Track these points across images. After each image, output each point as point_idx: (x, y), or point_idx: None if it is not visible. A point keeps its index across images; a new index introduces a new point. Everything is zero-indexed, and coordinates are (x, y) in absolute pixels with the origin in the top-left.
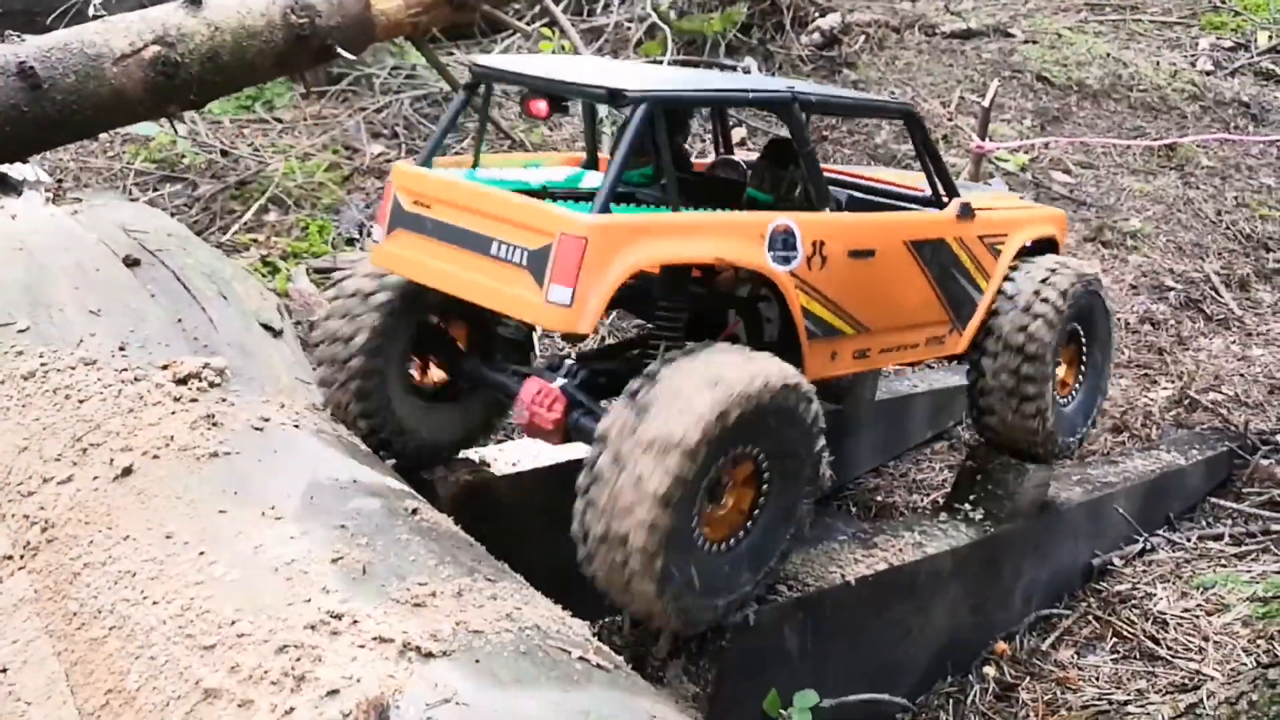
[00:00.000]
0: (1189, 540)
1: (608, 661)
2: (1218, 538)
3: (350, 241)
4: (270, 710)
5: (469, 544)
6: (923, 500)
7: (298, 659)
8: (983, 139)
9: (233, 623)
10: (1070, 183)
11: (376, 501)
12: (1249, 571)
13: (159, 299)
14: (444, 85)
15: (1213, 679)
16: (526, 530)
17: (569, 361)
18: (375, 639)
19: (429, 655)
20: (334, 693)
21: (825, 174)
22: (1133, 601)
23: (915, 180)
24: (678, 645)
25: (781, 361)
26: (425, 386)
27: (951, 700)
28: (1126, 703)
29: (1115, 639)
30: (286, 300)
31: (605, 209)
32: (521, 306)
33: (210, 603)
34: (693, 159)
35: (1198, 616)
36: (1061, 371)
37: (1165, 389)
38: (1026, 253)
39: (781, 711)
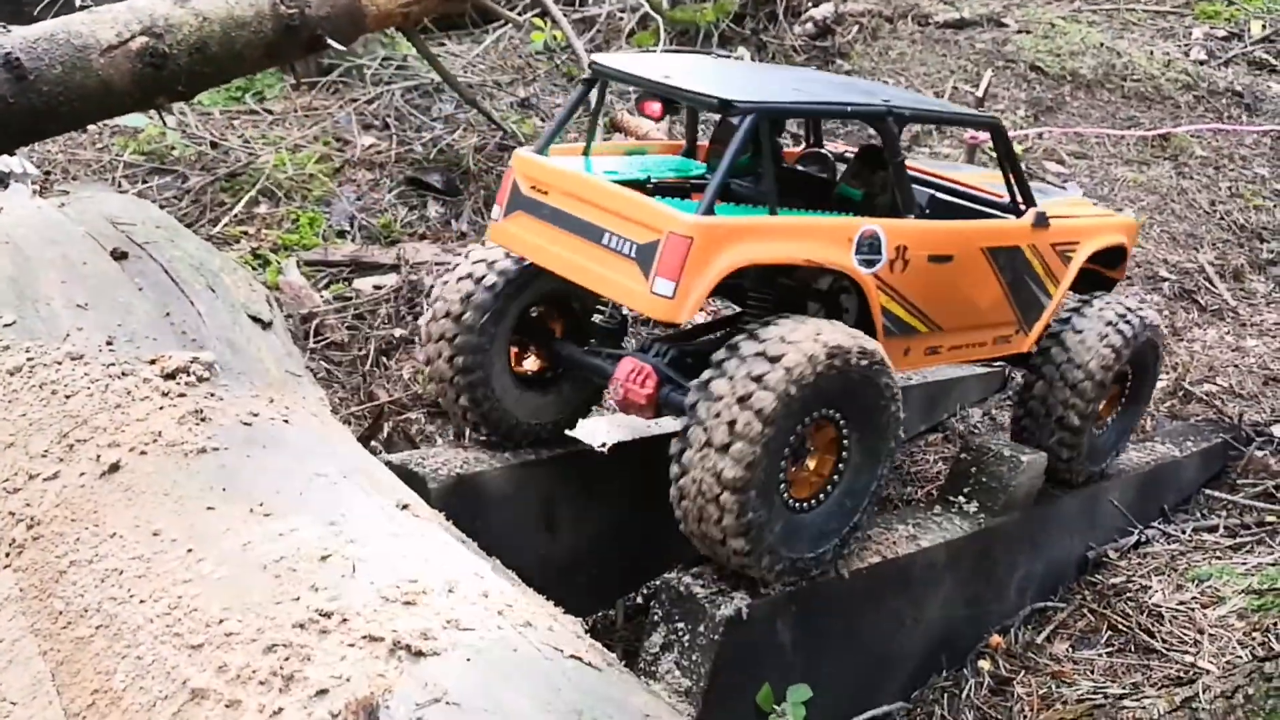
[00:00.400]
0: (1184, 532)
1: (600, 659)
2: (1212, 529)
3: (341, 234)
4: (258, 711)
5: (460, 540)
6: (917, 493)
7: (286, 658)
8: (976, 129)
9: (220, 621)
10: (1064, 173)
11: (367, 497)
12: (1244, 564)
13: (147, 292)
14: (435, 76)
15: (1208, 672)
16: (519, 524)
17: (658, 343)
18: (365, 638)
19: (419, 654)
20: (323, 692)
21: (911, 172)
22: (1128, 594)
23: (994, 179)
24: (670, 639)
25: (856, 330)
26: (521, 373)
27: (946, 695)
28: (1122, 696)
29: (1110, 632)
30: (277, 293)
31: (710, 210)
32: (627, 294)
33: (198, 601)
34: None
35: (1193, 609)
36: (1102, 406)
37: (1160, 381)
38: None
39: (775, 707)
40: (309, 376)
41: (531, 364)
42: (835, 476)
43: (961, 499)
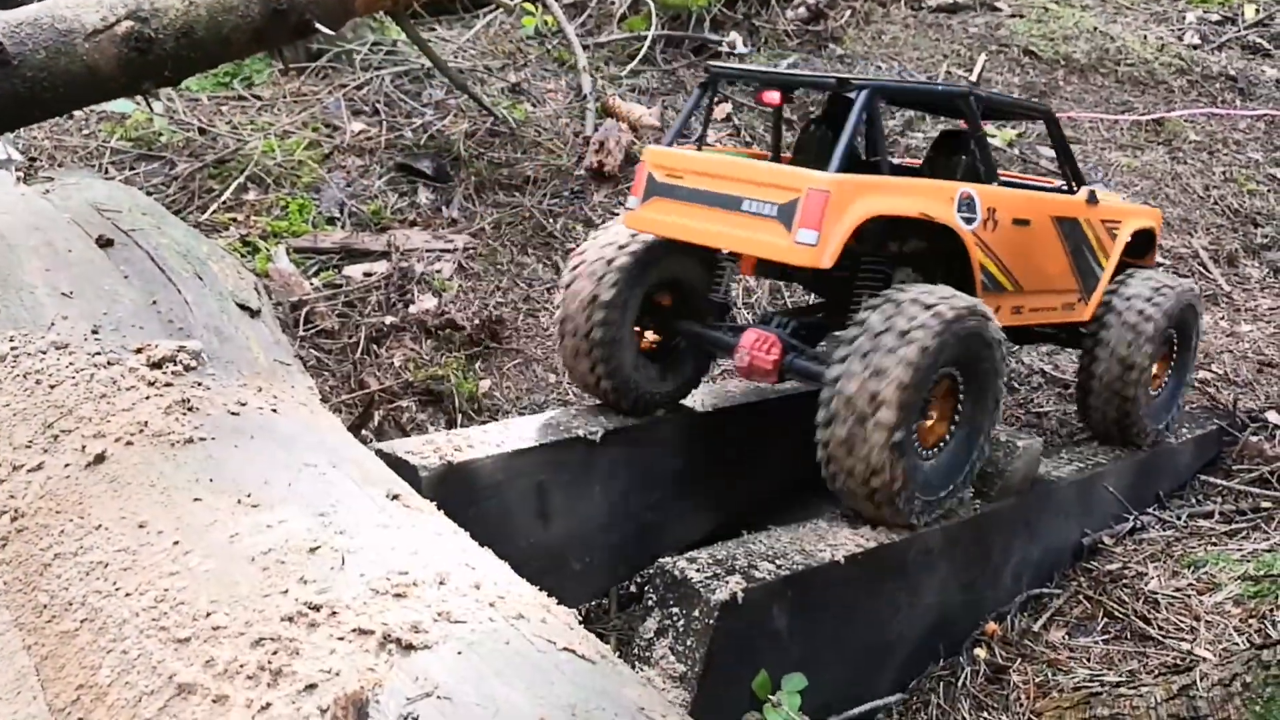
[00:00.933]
0: (1179, 518)
1: (594, 651)
2: (1208, 515)
3: (331, 220)
4: (246, 706)
5: (452, 531)
6: None
7: (274, 652)
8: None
9: (208, 615)
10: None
11: (356, 487)
12: (1240, 550)
13: (132, 280)
14: (425, 62)
15: (1205, 659)
16: (512, 512)
17: (776, 317)
18: (354, 631)
19: (410, 647)
20: (312, 687)
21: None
22: (1124, 581)
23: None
24: (665, 624)
25: (969, 296)
26: (644, 347)
27: (942, 683)
28: (1119, 684)
29: (1106, 619)
30: (266, 280)
31: (840, 170)
32: (771, 249)
33: (185, 594)
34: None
35: (1189, 596)
36: (1155, 369)
37: None
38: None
39: (770, 697)
40: (298, 365)
41: (650, 339)
42: (952, 425)
43: None
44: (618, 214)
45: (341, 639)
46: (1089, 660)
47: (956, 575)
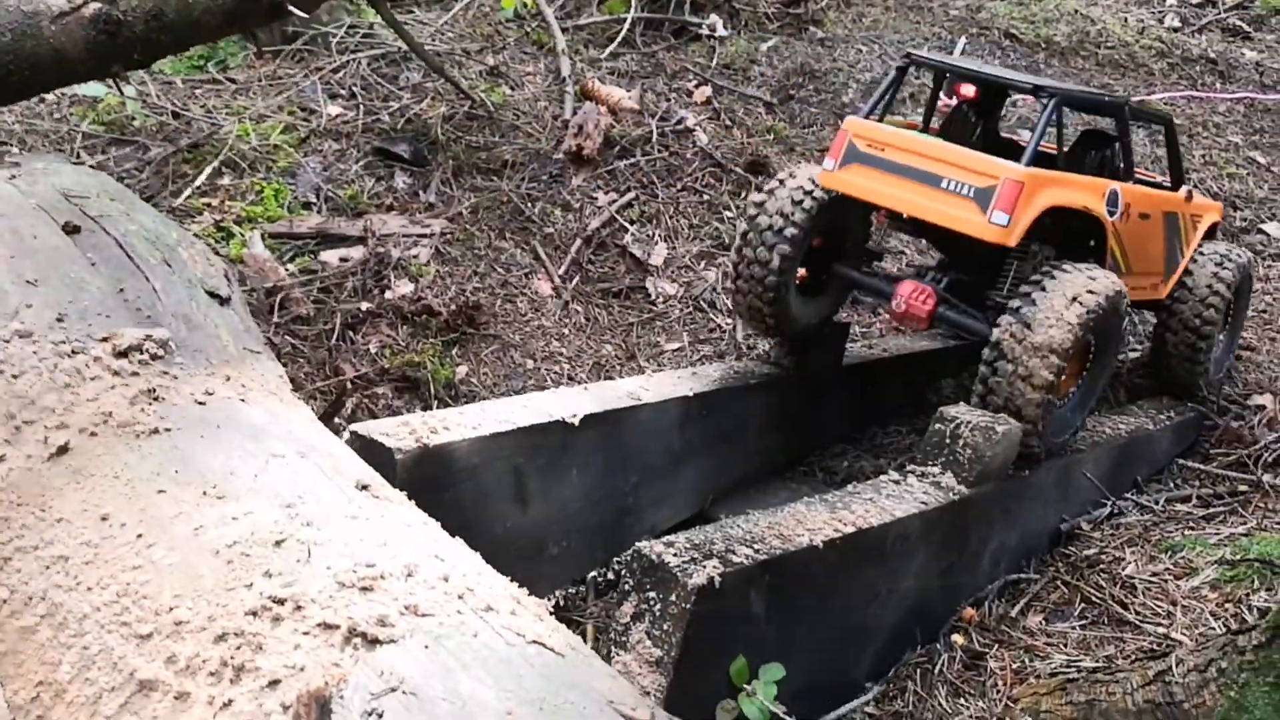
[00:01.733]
0: (1157, 503)
1: (564, 643)
2: (1185, 499)
3: (307, 205)
4: (208, 703)
5: (423, 521)
6: (890, 465)
7: (238, 647)
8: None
9: (170, 610)
10: None
11: (325, 478)
12: (1217, 534)
13: (100, 267)
14: (402, 45)
15: (1181, 644)
16: (488, 496)
17: (931, 271)
18: (319, 625)
19: (375, 642)
20: (275, 683)
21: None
22: (1101, 566)
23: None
24: (642, 608)
25: (1112, 274)
26: (800, 283)
27: (920, 670)
28: (1095, 670)
29: (1084, 604)
30: (241, 266)
31: (1031, 164)
32: (965, 224)
33: (148, 589)
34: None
35: (1166, 580)
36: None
37: (1134, 351)
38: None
39: (745, 686)
40: (268, 353)
41: (803, 275)
42: (1080, 381)
43: (936, 470)
44: (596, 197)
45: (306, 633)
46: (1066, 646)
47: (935, 561)
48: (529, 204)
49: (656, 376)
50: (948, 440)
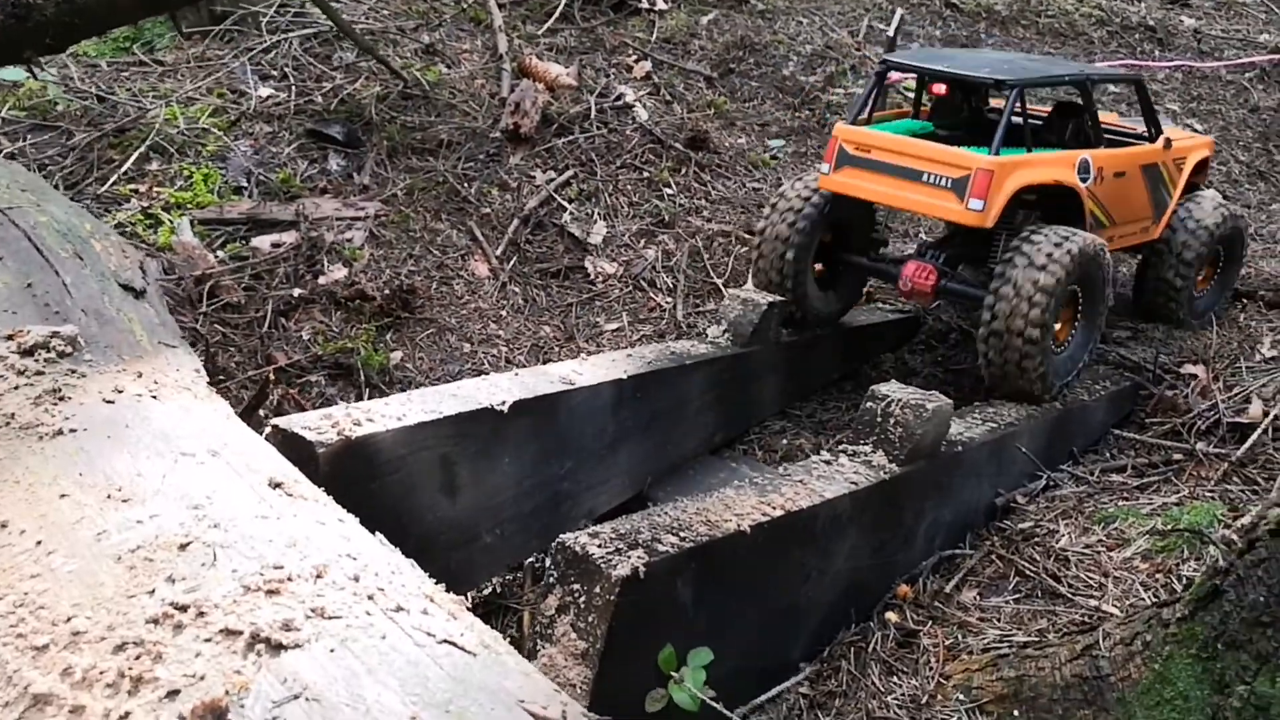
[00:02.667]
0: (1092, 474)
1: (476, 642)
2: (1121, 469)
3: (238, 190)
4: (103, 716)
5: (337, 518)
6: (829, 442)
7: (137, 657)
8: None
9: (68, 619)
10: None
11: (236, 477)
12: (1150, 504)
13: (7, 262)
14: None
15: (1110, 617)
16: (416, 487)
17: (930, 250)
18: (222, 632)
19: (279, 647)
20: (174, 693)
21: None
22: (1035, 539)
23: (1110, 118)
24: (566, 601)
25: (1082, 232)
26: (817, 275)
27: (853, 649)
28: (1026, 645)
29: (1018, 578)
30: (170, 254)
31: (997, 153)
32: (947, 211)
33: (45, 598)
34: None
35: (1099, 552)
36: (1200, 278)
37: None
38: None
39: (673, 674)
40: (185, 346)
41: (819, 269)
42: (1074, 327)
43: (867, 449)
44: (534, 176)
45: (208, 641)
46: (1000, 620)
47: (867, 540)
48: (465, 184)
49: (590, 360)
50: (879, 419)
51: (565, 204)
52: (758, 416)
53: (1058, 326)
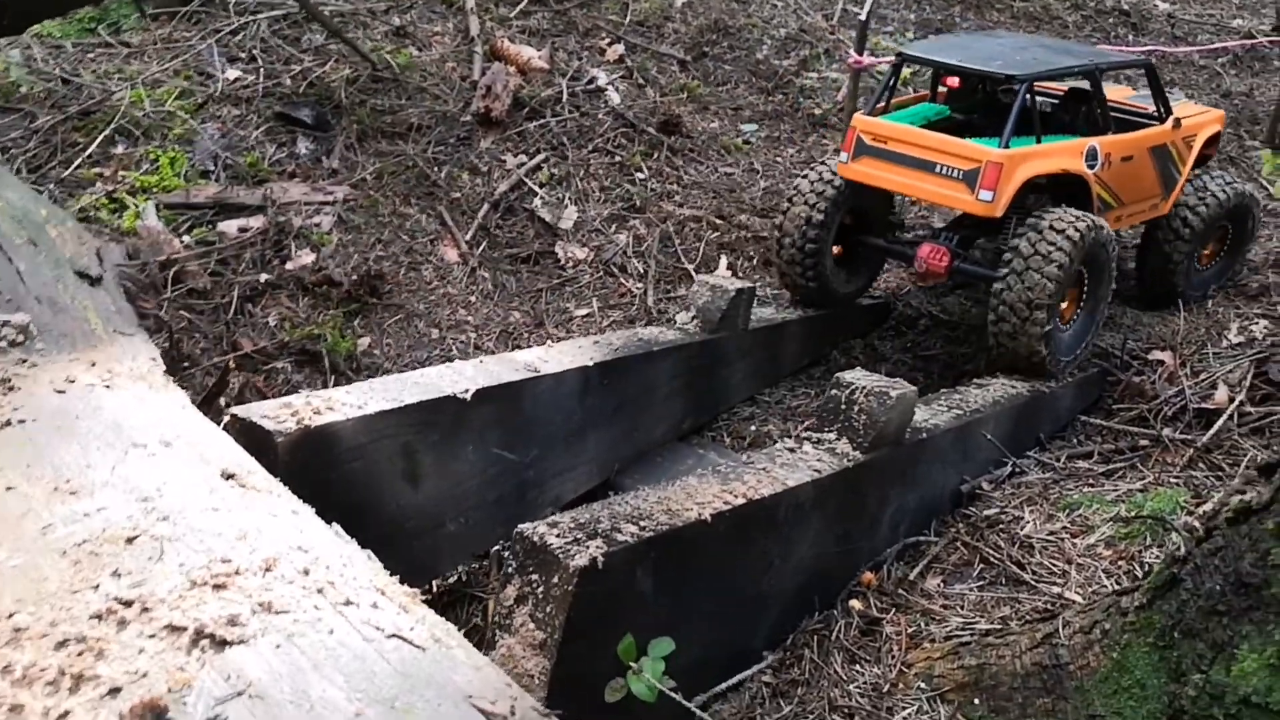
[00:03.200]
0: (1058, 460)
1: (426, 636)
2: (1087, 456)
3: (205, 174)
4: (43, 714)
5: (291, 510)
6: (796, 428)
7: (79, 654)
8: (860, 54)
9: (10, 615)
10: None
11: (188, 468)
12: (1115, 490)
13: None
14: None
15: (1073, 604)
16: (377, 476)
17: (944, 232)
18: (166, 628)
19: (224, 643)
20: (115, 691)
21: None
22: (1000, 526)
23: (1127, 92)
24: (525, 591)
25: (1087, 215)
26: (836, 256)
27: (816, 637)
28: (988, 633)
29: (982, 565)
30: (135, 239)
31: (1007, 145)
32: (958, 201)
33: None
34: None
35: (1063, 539)
36: (1207, 251)
37: None
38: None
39: (631, 665)
40: (142, 335)
41: (837, 251)
42: (1080, 306)
43: (831, 436)
44: (504, 160)
45: (152, 637)
46: (963, 608)
47: (831, 528)
48: (435, 168)
49: (557, 347)
50: (843, 406)
51: (536, 188)
52: (727, 403)
53: (1064, 305)
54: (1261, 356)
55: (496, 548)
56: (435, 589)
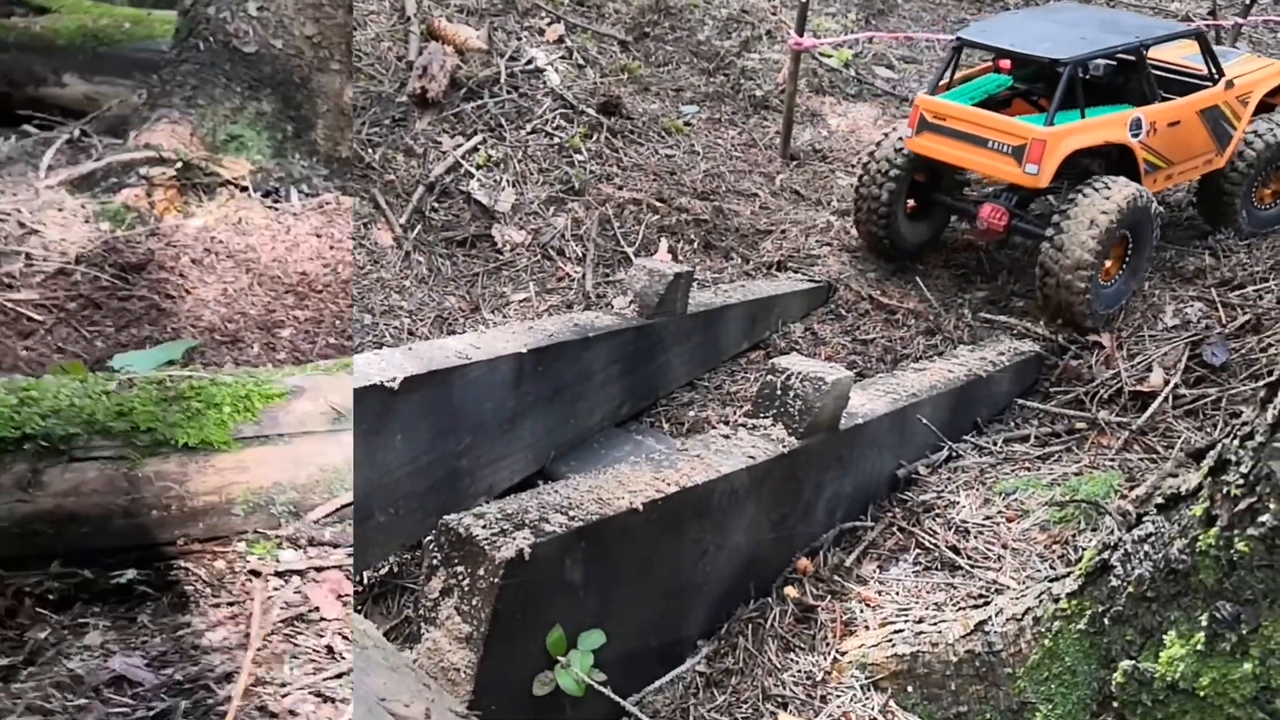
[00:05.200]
0: (995, 444)
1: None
2: (1024, 439)
3: None
4: None
5: None
6: (735, 413)
7: None
8: (800, 34)
9: None
10: (893, 78)
11: None
12: (1051, 474)
13: None
14: None
15: (1007, 590)
16: None
17: (1004, 193)
18: None
19: None
20: None
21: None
22: (936, 510)
23: (1188, 49)
24: (450, 583)
25: (1130, 183)
26: (908, 211)
27: (751, 625)
28: (921, 620)
29: (918, 550)
30: None
31: (1051, 122)
32: (1007, 174)
33: None
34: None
35: (998, 523)
36: (1269, 191)
37: (980, 290)
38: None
39: (560, 658)
40: None
41: (911, 205)
42: (1123, 266)
43: (766, 422)
44: (441, 142)
45: None
46: (899, 595)
47: (766, 514)
48: (369, 150)
49: (490, 332)
50: (778, 392)
51: (473, 170)
52: (665, 388)
53: (1108, 264)
54: (1196, 339)
55: (428, 539)
56: (366, 580)
